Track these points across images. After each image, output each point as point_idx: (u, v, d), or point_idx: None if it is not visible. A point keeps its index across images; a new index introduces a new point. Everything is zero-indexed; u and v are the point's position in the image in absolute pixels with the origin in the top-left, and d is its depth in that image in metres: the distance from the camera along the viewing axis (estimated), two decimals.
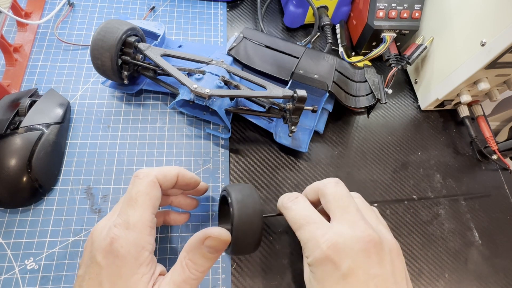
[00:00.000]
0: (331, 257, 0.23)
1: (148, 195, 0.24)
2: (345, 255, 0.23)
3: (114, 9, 0.45)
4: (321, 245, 0.24)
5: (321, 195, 0.27)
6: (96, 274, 0.22)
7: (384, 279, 0.23)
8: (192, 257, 0.23)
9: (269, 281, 0.32)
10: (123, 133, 0.37)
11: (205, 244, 0.23)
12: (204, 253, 0.23)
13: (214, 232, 0.23)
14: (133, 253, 0.22)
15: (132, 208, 0.23)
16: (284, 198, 0.29)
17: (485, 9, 0.35)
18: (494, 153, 0.42)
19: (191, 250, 0.23)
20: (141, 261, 0.22)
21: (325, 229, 0.25)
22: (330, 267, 0.23)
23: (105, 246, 0.22)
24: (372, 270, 0.23)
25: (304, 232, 0.25)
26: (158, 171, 0.26)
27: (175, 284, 0.22)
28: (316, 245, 0.24)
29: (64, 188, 0.33)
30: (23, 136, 0.32)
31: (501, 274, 0.37)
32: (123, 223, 0.23)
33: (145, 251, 0.23)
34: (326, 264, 0.23)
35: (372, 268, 0.23)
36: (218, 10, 0.48)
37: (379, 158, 0.41)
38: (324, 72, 0.40)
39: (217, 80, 0.35)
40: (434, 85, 0.43)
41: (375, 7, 0.42)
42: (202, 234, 0.23)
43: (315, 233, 0.25)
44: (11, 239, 0.31)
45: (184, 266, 0.23)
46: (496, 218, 0.40)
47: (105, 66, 0.34)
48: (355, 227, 0.25)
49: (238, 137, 0.39)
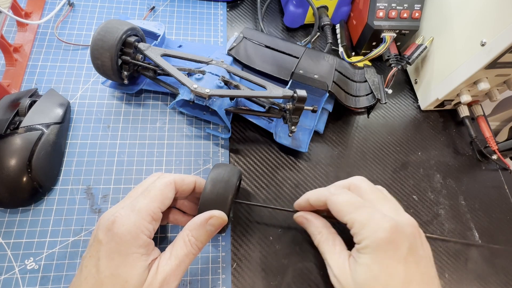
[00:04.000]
0: (393, 237, 0.24)
1: (161, 191, 0.26)
2: (404, 237, 0.25)
3: (114, 9, 0.45)
4: (384, 224, 0.25)
5: (355, 188, 0.29)
6: (96, 251, 0.23)
7: (427, 260, 0.26)
8: (195, 233, 0.25)
9: (269, 281, 0.32)
10: (123, 133, 0.37)
11: (209, 223, 0.26)
12: (207, 230, 0.26)
13: (216, 213, 0.26)
14: (132, 233, 0.23)
15: (143, 196, 0.26)
16: (331, 188, 0.30)
17: (485, 9, 0.35)
18: (494, 153, 0.42)
19: (195, 228, 0.26)
20: (139, 243, 0.24)
21: (382, 213, 0.26)
22: (393, 247, 0.24)
23: (107, 224, 0.24)
24: (420, 252, 0.26)
25: (361, 213, 0.26)
26: (178, 176, 0.28)
27: (177, 258, 0.24)
28: (379, 225, 0.25)
29: (64, 188, 0.33)
30: (23, 136, 0.32)
31: (501, 274, 0.36)
32: (130, 206, 0.25)
33: (143, 235, 0.24)
34: (389, 244, 0.24)
35: (420, 250, 0.26)
36: (218, 10, 0.48)
37: (379, 158, 0.41)
38: (324, 72, 0.40)
39: (217, 80, 0.35)
40: (434, 85, 0.43)
41: (375, 7, 0.42)
42: (207, 214, 0.26)
43: (374, 214, 0.26)
44: (11, 239, 0.31)
45: (187, 242, 0.25)
46: (496, 218, 0.40)
47: (105, 66, 0.34)
48: (400, 214, 0.27)
49: (238, 137, 0.39)
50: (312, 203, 0.30)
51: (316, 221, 0.31)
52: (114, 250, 0.23)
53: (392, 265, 0.24)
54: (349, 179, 0.30)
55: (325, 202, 0.29)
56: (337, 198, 0.28)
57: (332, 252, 0.28)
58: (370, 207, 0.26)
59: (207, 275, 0.32)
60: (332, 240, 0.29)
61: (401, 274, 0.24)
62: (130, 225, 0.23)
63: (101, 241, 0.23)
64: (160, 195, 0.26)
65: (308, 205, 0.31)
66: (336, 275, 0.26)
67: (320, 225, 0.30)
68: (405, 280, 0.24)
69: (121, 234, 0.23)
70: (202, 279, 0.31)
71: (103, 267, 0.22)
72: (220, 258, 0.33)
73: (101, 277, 0.22)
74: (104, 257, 0.23)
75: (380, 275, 0.24)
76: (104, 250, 0.23)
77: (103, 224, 0.24)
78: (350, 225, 0.26)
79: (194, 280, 0.31)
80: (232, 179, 0.29)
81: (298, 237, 0.35)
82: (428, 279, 0.25)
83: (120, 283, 0.22)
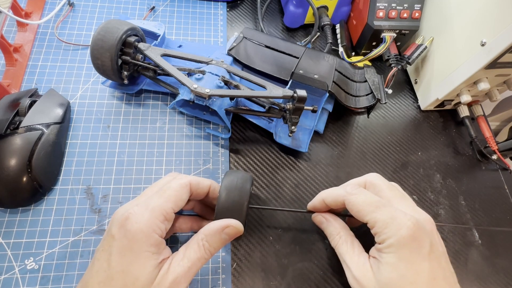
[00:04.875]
0: (417, 234, 0.25)
1: (176, 192, 0.26)
2: (425, 234, 0.25)
3: (114, 9, 0.45)
4: (407, 222, 0.25)
5: (371, 185, 0.29)
6: (108, 245, 0.24)
7: (445, 256, 0.26)
8: (210, 239, 0.26)
9: (269, 281, 0.32)
10: (123, 133, 0.37)
11: (225, 231, 0.26)
12: (221, 238, 0.26)
13: (233, 222, 0.27)
14: (145, 232, 0.23)
15: (158, 196, 0.26)
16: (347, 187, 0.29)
17: (485, 9, 0.35)
18: (494, 153, 0.42)
19: (210, 234, 0.26)
20: (151, 242, 0.24)
21: (402, 211, 0.26)
22: (417, 244, 0.25)
23: (121, 220, 0.24)
24: (440, 248, 0.26)
25: (383, 213, 0.26)
26: (193, 178, 0.28)
27: (190, 260, 0.25)
28: (402, 224, 0.25)
29: (64, 188, 0.33)
30: (23, 136, 0.32)
31: (501, 274, 0.36)
32: (144, 204, 0.25)
33: (155, 234, 0.24)
34: (413, 242, 0.24)
35: (439, 246, 0.26)
36: (218, 10, 0.48)
37: (379, 158, 0.41)
38: (324, 72, 0.40)
39: (217, 80, 0.35)
40: (434, 85, 0.43)
41: (375, 7, 0.42)
42: (224, 222, 0.26)
43: (396, 213, 0.26)
44: (11, 239, 0.31)
45: (201, 246, 0.25)
46: (496, 218, 0.40)
47: (105, 66, 0.34)
48: (417, 210, 0.27)
49: (238, 137, 0.39)
50: (329, 203, 0.30)
51: (335, 223, 0.30)
52: (126, 247, 0.23)
53: (417, 262, 0.24)
54: (364, 176, 0.30)
55: (342, 202, 0.28)
56: (356, 198, 0.27)
57: (352, 253, 0.28)
58: (390, 206, 0.26)
59: (207, 275, 0.32)
60: (350, 242, 0.29)
61: (426, 271, 0.24)
62: (143, 223, 0.24)
63: (114, 236, 0.24)
64: (174, 196, 0.26)
65: (323, 206, 0.31)
66: (356, 276, 0.26)
67: (339, 226, 0.30)
68: (430, 276, 0.24)
69: (133, 232, 0.23)
70: (202, 279, 0.31)
71: (115, 263, 0.23)
72: (220, 258, 0.33)
73: (112, 272, 0.23)
74: (116, 252, 0.23)
75: (407, 272, 0.24)
76: (116, 245, 0.23)
77: (117, 219, 0.24)
78: (372, 224, 0.26)
79: (194, 280, 0.31)
80: (246, 185, 0.28)
81: (298, 237, 0.35)
82: (449, 274, 0.25)
83: (130, 280, 0.23)
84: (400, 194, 0.29)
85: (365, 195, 0.28)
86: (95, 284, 0.23)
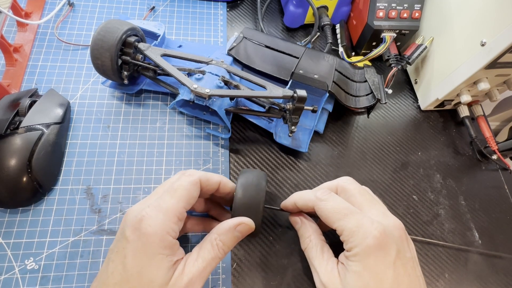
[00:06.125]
0: (383, 243, 0.25)
1: (187, 190, 0.26)
2: (392, 241, 0.25)
3: (114, 9, 0.45)
4: (373, 231, 0.25)
5: (342, 190, 0.29)
6: (123, 247, 0.24)
7: (413, 261, 0.26)
8: (223, 238, 0.26)
9: (269, 281, 0.32)
10: (123, 133, 0.37)
11: (237, 229, 0.27)
12: (234, 236, 0.27)
13: (245, 220, 0.27)
14: (159, 234, 0.24)
15: (169, 195, 0.26)
16: (317, 192, 0.29)
17: (485, 9, 0.35)
18: (494, 153, 0.42)
19: (223, 233, 0.26)
20: (165, 244, 0.24)
21: (370, 218, 0.26)
22: (382, 253, 0.25)
23: (135, 222, 0.24)
24: (407, 254, 0.26)
25: (350, 221, 0.26)
26: (203, 174, 0.28)
27: (205, 260, 0.25)
28: (368, 232, 0.25)
29: (64, 188, 0.33)
30: (23, 136, 0.32)
31: (501, 274, 0.37)
32: (157, 206, 0.25)
33: (169, 236, 0.24)
34: (378, 250, 0.25)
35: (407, 252, 0.26)
36: (218, 10, 0.48)
37: (379, 158, 0.41)
38: (324, 72, 0.40)
39: (217, 80, 0.35)
40: (434, 85, 0.43)
41: (375, 7, 0.42)
42: (236, 220, 0.27)
43: (362, 221, 0.26)
44: (11, 239, 0.31)
45: (214, 246, 0.26)
46: (496, 218, 0.40)
47: (105, 66, 0.34)
48: (387, 216, 0.27)
49: (238, 137, 0.39)
50: (300, 206, 0.30)
51: (309, 225, 0.31)
52: (141, 249, 0.23)
53: (381, 270, 0.24)
54: (336, 180, 0.30)
55: (312, 207, 0.29)
56: (325, 205, 0.28)
57: (320, 259, 0.28)
58: (358, 213, 0.26)
59: None
60: (320, 247, 0.29)
61: (390, 279, 0.24)
62: (157, 226, 0.24)
63: (128, 238, 0.24)
64: (186, 195, 0.26)
65: (295, 208, 0.31)
66: (324, 282, 0.26)
67: (311, 229, 0.30)
68: (394, 284, 0.24)
69: (148, 235, 0.23)
70: None
71: (130, 266, 0.23)
72: None
73: (128, 274, 0.23)
74: (131, 255, 0.23)
75: (370, 282, 0.24)
76: (131, 248, 0.23)
77: (130, 221, 0.24)
78: (339, 232, 0.26)
79: None
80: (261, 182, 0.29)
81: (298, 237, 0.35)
82: (414, 279, 0.25)
83: (145, 282, 0.23)
84: (371, 198, 0.29)
85: (334, 201, 0.27)
86: (111, 285, 0.23)
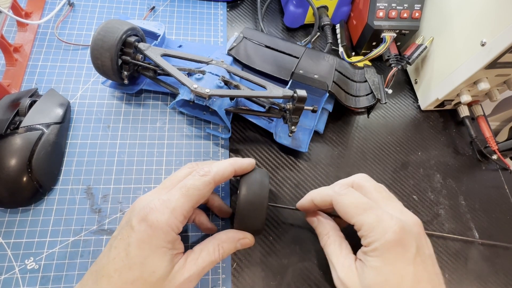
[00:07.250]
0: (402, 238, 0.24)
1: (200, 191, 0.26)
2: (412, 237, 0.25)
3: (114, 9, 0.45)
4: (393, 226, 0.25)
5: (359, 187, 0.29)
6: (127, 235, 0.24)
7: (432, 258, 0.26)
8: (225, 246, 0.27)
9: (269, 281, 0.32)
10: (123, 133, 0.37)
11: (240, 242, 0.28)
12: (235, 247, 0.28)
13: (249, 236, 0.29)
14: (164, 230, 0.24)
15: (180, 193, 0.26)
16: (335, 187, 0.29)
17: (485, 9, 0.35)
18: (494, 153, 0.42)
19: (227, 241, 0.28)
20: (169, 238, 0.25)
21: (389, 214, 0.26)
22: (402, 249, 0.24)
23: (142, 214, 0.25)
24: (426, 251, 0.26)
25: (369, 215, 0.26)
26: (217, 173, 0.28)
27: (204, 262, 0.26)
28: (388, 227, 0.25)
29: (64, 188, 0.33)
30: (23, 136, 0.32)
31: (501, 274, 0.36)
32: (167, 201, 0.25)
33: (173, 232, 0.25)
34: (398, 246, 0.24)
35: (425, 249, 0.26)
36: (218, 10, 0.48)
37: (379, 158, 0.41)
38: (324, 72, 0.40)
39: (217, 80, 0.35)
40: (434, 85, 0.43)
41: (375, 7, 0.42)
42: (241, 234, 0.29)
43: (382, 216, 0.25)
44: (11, 239, 0.31)
45: (216, 251, 0.27)
46: (496, 218, 0.40)
47: (105, 66, 0.34)
48: (405, 213, 0.27)
49: (238, 137, 0.39)
50: (317, 203, 0.30)
51: (326, 223, 0.30)
52: (145, 240, 0.24)
53: (402, 266, 0.24)
54: (352, 177, 0.30)
55: (330, 203, 0.28)
56: (343, 199, 0.27)
57: (338, 255, 0.28)
58: (377, 209, 0.26)
59: (207, 275, 0.32)
60: (339, 243, 0.29)
61: (411, 275, 0.24)
62: (163, 222, 0.24)
63: (134, 227, 0.24)
64: (197, 195, 0.26)
65: (312, 206, 0.31)
66: (341, 278, 0.26)
67: (329, 226, 0.30)
68: (414, 280, 0.24)
69: (154, 228, 0.24)
70: (202, 278, 0.31)
71: (133, 254, 0.24)
72: None
73: (130, 262, 0.24)
74: (135, 244, 0.24)
75: (391, 277, 0.24)
76: (135, 237, 0.24)
77: (138, 211, 0.25)
78: (358, 227, 0.26)
79: None
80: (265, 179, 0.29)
81: (298, 237, 0.35)
82: (434, 276, 0.25)
83: (147, 272, 0.24)
84: (388, 195, 0.28)
85: (353, 196, 0.27)
86: (112, 271, 0.24)
